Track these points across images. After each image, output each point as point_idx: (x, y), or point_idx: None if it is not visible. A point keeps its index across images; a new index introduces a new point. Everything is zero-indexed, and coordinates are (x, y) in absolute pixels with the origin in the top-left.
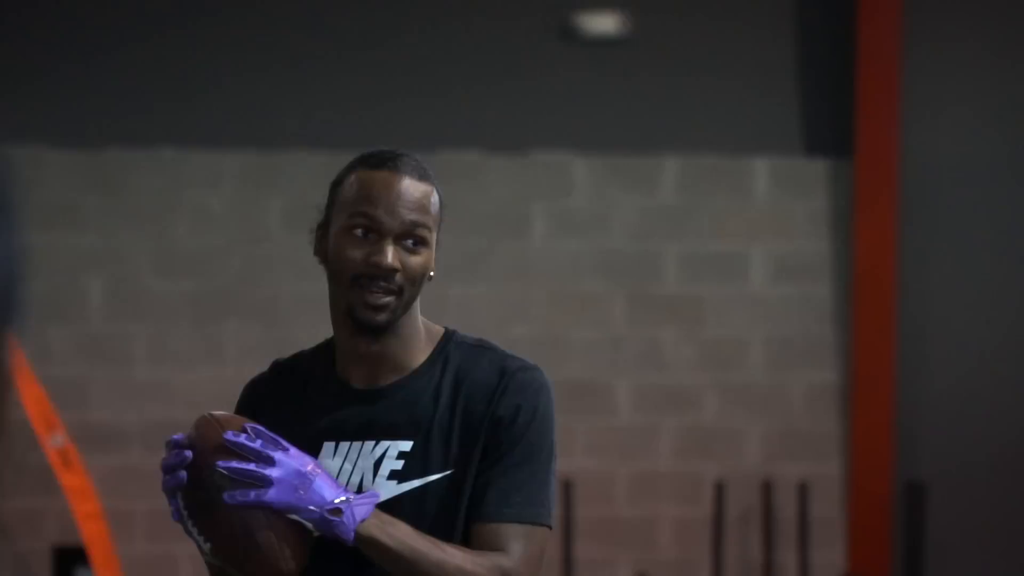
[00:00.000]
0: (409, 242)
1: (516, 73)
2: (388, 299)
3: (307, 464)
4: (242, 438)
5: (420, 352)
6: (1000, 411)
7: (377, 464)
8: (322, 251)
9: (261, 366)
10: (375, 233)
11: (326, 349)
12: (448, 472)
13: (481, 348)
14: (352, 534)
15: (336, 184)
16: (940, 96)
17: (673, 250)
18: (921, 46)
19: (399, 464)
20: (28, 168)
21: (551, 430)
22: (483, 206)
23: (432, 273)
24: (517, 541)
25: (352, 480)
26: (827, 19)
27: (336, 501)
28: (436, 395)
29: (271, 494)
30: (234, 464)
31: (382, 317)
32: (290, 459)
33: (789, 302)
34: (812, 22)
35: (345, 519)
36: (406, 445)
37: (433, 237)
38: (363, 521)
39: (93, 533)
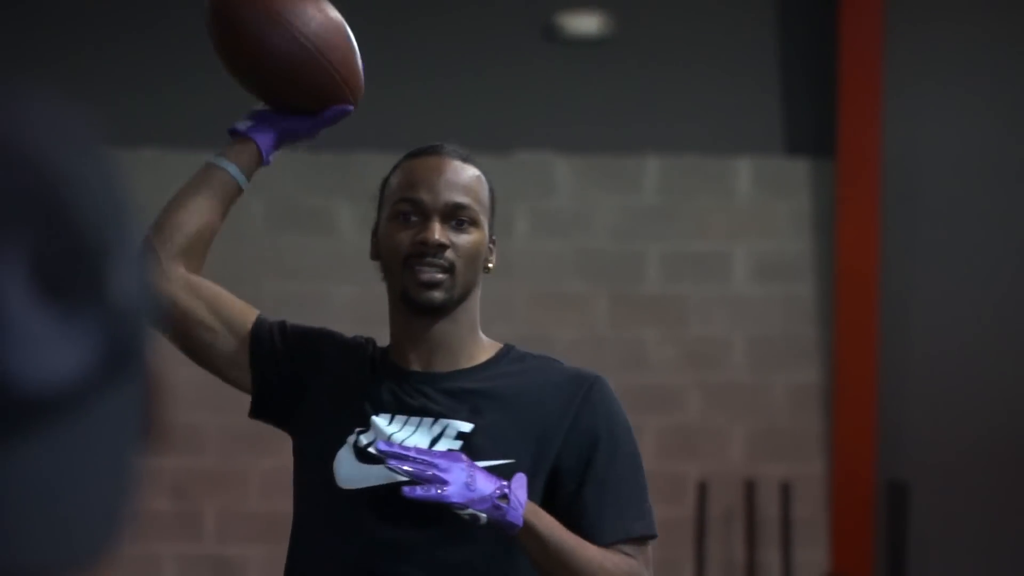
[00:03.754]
0: (455, 221)
1: (498, 73)
2: (440, 276)
3: (461, 457)
4: (395, 447)
5: (481, 350)
6: (982, 410)
7: (435, 441)
8: (375, 252)
9: None
10: (420, 215)
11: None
12: (509, 461)
13: (546, 357)
14: (521, 520)
15: (383, 183)
16: (922, 95)
17: (655, 250)
18: (903, 45)
19: (457, 444)
20: None
21: (635, 437)
22: None
23: (491, 264)
24: (639, 553)
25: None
26: (809, 19)
27: (500, 487)
28: (501, 387)
29: (449, 491)
30: (408, 467)
31: (436, 295)
32: (447, 458)
33: (771, 302)
34: (794, 22)
35: (512, 504)
36: (466, 427)
37: (484, 220)
38: (523, 507)
39: None
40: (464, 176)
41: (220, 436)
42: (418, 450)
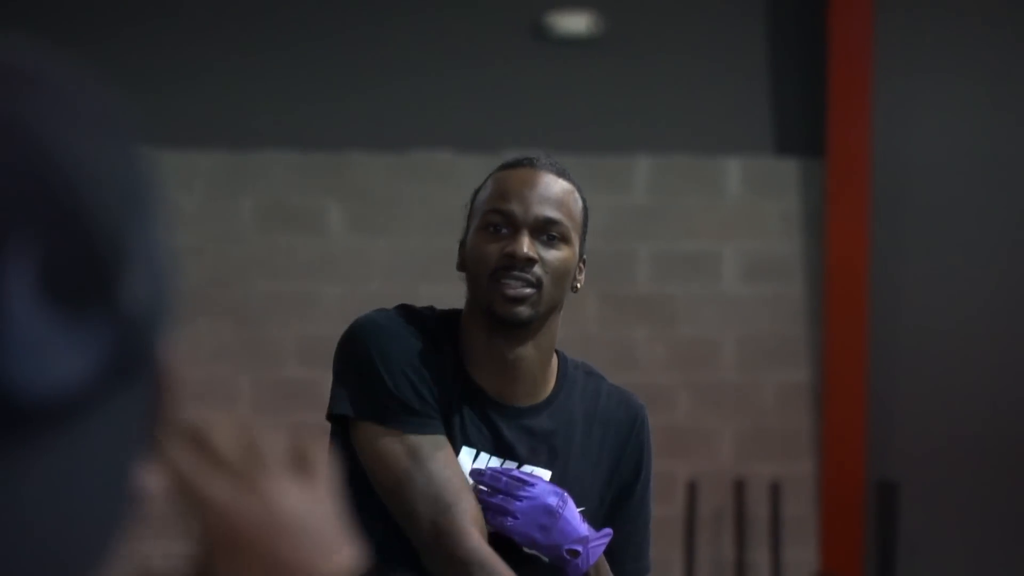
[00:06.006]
0: (545, 236)
1: (487, 73)
2: (527, 291)
3: (555, 498)
4: (486, 477)
5: (551, 374)
6: (972, 409)
7: None
8: (462, 263)
9: (233, 366)
10: (510, 227)
11: (448, 329)
12: (581, 509)
13: (592, 375)
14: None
15: (474, 194)
16: (912, 95)
17: (645, 249)
18: (893, 45)
19: None
20: None
21: None
22: (455, 206)
23: (579, 284)
24: None
25: None
26: (798, 18)
27: (576, 541)
28: (571, 425)
29: (513, 524)
30: (483, 487)
31: (522, 310)
32: (538, 493)
33: (761, 301)
34: (783, 21)
35: (580, 561)
36: (545, 474)
37: (574, 236)
38: (590, 565)
39: None
40: (557, 190)
41: None
42: (510, 478)
